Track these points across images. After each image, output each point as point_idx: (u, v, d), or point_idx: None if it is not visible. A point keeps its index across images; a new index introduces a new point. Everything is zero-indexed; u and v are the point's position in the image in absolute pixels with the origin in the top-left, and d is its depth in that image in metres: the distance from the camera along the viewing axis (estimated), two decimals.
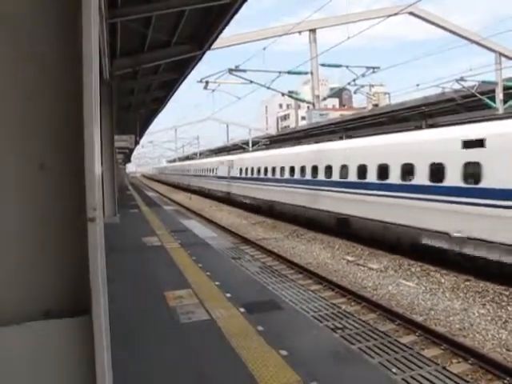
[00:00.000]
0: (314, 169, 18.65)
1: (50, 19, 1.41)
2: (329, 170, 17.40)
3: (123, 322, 5.12)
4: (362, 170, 15.09)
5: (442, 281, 10.57)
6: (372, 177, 14.53)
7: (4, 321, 1.34)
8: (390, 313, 8.37)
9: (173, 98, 23.75)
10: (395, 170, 13.40)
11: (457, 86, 22.11)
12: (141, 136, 43.22)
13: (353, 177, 15.64)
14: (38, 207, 1.43)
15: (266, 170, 24.09)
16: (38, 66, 1.41)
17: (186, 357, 4.38)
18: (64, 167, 1.44)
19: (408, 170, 12.94)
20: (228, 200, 31.95)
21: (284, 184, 21.31)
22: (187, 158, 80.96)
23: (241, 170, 29.37)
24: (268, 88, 28.32)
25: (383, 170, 13.95)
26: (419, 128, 22.42)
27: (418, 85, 25.04)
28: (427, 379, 5.47)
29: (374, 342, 6.58)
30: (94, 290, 1.36)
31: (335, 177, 16.93)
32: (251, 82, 27.33)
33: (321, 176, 18.07)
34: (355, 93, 32.76)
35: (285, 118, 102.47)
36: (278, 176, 22.21)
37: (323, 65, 39.36)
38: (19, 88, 1.40)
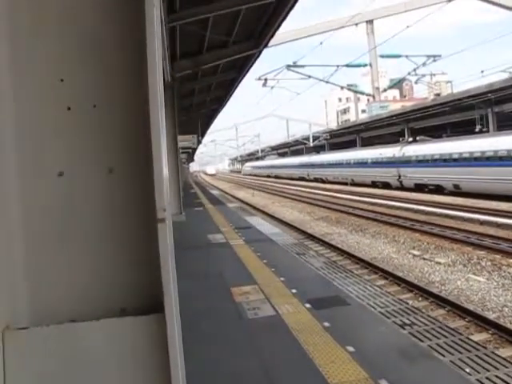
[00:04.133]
0: None
1: (114, 25, 1.47)
2: None
3: (191, 317, 5.27)
4: None
5: None
6: None
7: (84, 316, 1.42)
8: (460, 309, 8.06)
9: (233, 96, 24.06)
10: None
11: None
12: (203, 135, 44.09)
13: None
14: (110, 210, 1.49)
15: None
16: (104, 74, 1.47)
17: (254, 352, 4.46)
18: (132, 170, 1.49)
19: None
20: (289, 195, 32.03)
21: None
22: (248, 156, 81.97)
23: None
24: (327, 82, 28.06)
25: None
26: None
27: (482, 71, 23.89)
28: (506, 382, 4.99)
29: (445, 340, 6.32)
30: (166, 289, 1.40)
31: None
32: (309, 76, 27.17)
33: None
34: (416, 83, 31.70)
35: (344, 111, 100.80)
36: None
37: (382, 56, 38.41)
38: (88, 97, 1.46)
